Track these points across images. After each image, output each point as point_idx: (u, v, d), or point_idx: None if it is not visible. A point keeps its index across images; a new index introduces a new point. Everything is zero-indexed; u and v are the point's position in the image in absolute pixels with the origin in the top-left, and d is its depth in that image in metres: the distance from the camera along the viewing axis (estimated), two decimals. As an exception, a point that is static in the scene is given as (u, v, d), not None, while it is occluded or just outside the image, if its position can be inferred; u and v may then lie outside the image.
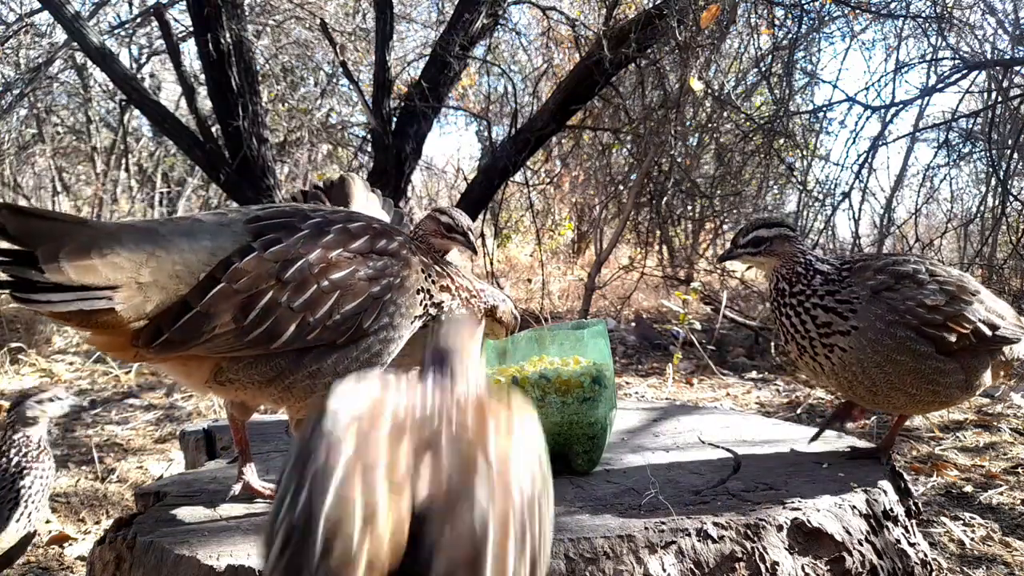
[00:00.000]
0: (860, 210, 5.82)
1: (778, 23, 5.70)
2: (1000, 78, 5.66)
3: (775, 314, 1.88)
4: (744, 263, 2.01)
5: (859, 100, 5.54)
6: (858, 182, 5.74)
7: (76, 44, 5.46)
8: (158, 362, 1.55)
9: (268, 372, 1.53)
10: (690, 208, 8.07)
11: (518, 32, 8.03)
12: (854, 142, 7.17)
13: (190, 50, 7.53)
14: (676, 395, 4.56)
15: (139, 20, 7.18)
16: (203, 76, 5.39)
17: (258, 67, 5.71)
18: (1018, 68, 5.48)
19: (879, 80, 5.75)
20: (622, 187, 7.64)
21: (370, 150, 6.45)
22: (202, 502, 1.66)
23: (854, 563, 1.50)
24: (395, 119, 5.59)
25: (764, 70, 5.84)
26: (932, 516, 2.68)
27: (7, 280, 1.35)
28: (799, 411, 4.13)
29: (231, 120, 5.05)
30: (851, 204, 5.72)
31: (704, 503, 1.55)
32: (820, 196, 6.27)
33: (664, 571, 1.36)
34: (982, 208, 6.53)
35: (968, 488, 2.98)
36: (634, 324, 6.54)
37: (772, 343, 5.54)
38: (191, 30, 5.42)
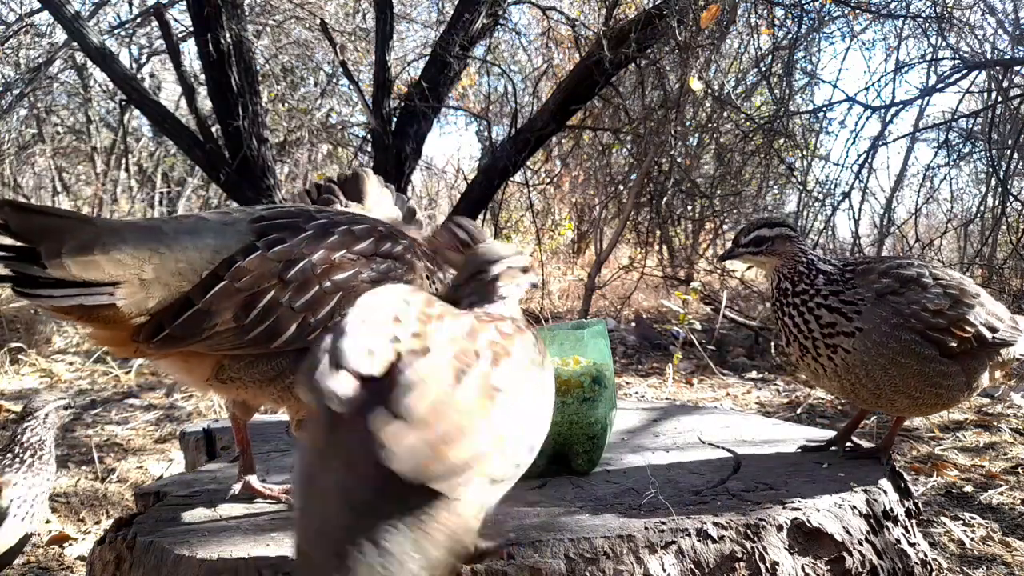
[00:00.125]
0: (860, 210, 5.83)
1: (778, 23, 5.70)
2: (1000, 78, 5.66)
3: (777, 314, 1.87)
4: (745, 263, 2.01)
5: (859, 100, 5.55)
6: (858, 182, 5.75)
7: (76, 44, 5.46)
8: (159, 358, 1.55)
9: (269, 371, 1.53)
10: (690, 208, 8.07)
11: (518, 32, 8.04)
12: (854, 142, 7.20)
13: (190, 50, 7.56)
14: (676, 395, 4.56)
15: (139, 20, 7.19)
16: (203, 76, 5.39)
17: (258, 67, 5.71)
18: (1018, 68, 5.49)
19: (879, 80, 5.77)
20: (622, 187, 7.63)
21: (370, 150, 6.44)
22: (202, 502, 1.66)
23: (854, 563, 1.50)
24: (395, 119, 5.59)
25: (764, 70, 5.85)
26: (932, 516, 2.68)
27: (9, 275, 1.35)
28: (799, 411, 4.13)
29: (231, 120, 5.05)
30: (851, 204, 5.73)
31: (704, 503, 1.55)
32: (820, 196, 6.28)
33: (664, 571, 1.36)
34: (982, 208, 6.54)
35: (968, 488, 2.98)
36: (634, 324, 6.54)
37: (772, 343, 5.54)
38: (191, 30, 5.42)
